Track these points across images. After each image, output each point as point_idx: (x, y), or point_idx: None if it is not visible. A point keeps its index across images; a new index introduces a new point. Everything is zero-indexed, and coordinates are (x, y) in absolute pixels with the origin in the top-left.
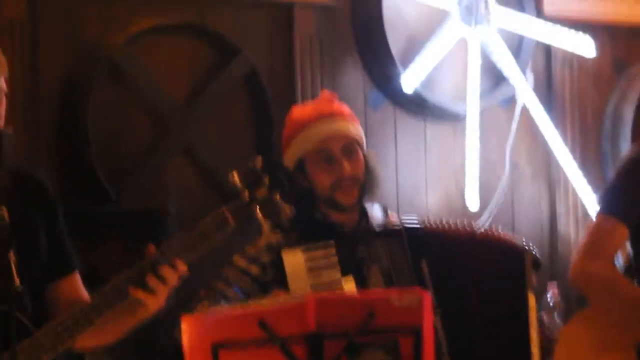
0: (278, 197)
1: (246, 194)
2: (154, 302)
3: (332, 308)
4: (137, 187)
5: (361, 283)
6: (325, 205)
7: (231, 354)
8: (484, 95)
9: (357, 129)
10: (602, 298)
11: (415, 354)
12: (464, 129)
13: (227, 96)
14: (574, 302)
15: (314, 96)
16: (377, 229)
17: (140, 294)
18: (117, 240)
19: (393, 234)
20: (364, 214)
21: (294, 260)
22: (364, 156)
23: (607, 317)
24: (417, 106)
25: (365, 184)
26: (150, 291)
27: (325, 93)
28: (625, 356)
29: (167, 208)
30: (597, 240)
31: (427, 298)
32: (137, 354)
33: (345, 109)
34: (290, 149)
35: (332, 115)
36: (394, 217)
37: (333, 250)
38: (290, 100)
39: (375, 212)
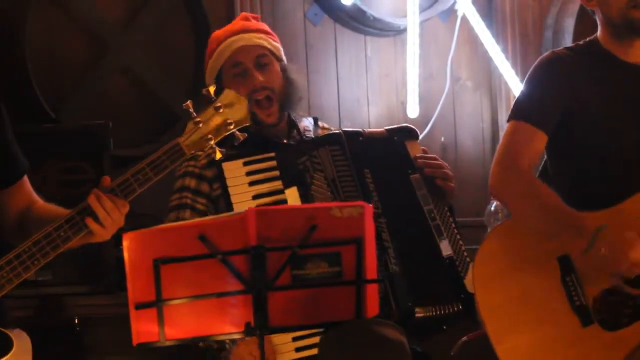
0: (232, 126)
1: (201, 125)
2: (104, 234)
3: (273, 221)
4: (77, 106)
5: (305, 193)
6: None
7: (173, 268)
8: (423, 7)
9: (270, 42)
10: (521, 209)
11: (357, 264)
12: (404, 42)
13: (166, 16)
14: None
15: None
16: (316, 137)
17: (94, 225)
18: (56, 160)
19: (334, 141)
20: (293, 126)
21: (235, 172)
22: (282, 68)
23: (528, 228)
24: (357, 20)
25: (284, 96)
26: (101, 224)
27: (242, 14)
28: (548, 269)
29: (108, 127)
30: (514, 148)
31: (369, 209)
32: (79, 271)
33: (260, 25)
34: (208, 68)
35: (243, 31)
36: (325, 128)
37: (274, 162)
38: (230, 19)
39: (306, 124)
